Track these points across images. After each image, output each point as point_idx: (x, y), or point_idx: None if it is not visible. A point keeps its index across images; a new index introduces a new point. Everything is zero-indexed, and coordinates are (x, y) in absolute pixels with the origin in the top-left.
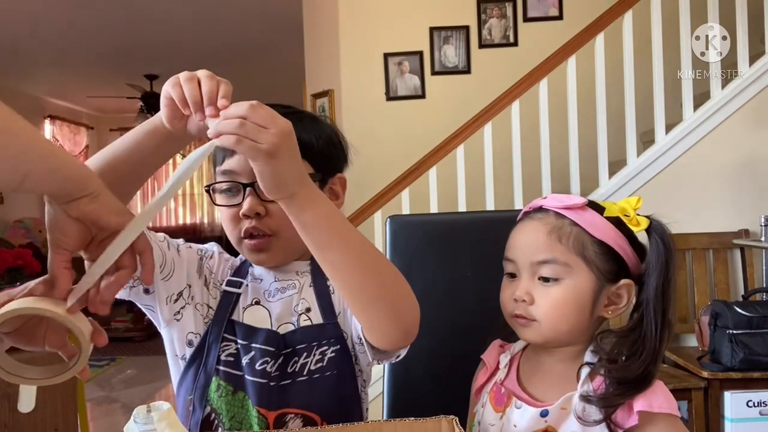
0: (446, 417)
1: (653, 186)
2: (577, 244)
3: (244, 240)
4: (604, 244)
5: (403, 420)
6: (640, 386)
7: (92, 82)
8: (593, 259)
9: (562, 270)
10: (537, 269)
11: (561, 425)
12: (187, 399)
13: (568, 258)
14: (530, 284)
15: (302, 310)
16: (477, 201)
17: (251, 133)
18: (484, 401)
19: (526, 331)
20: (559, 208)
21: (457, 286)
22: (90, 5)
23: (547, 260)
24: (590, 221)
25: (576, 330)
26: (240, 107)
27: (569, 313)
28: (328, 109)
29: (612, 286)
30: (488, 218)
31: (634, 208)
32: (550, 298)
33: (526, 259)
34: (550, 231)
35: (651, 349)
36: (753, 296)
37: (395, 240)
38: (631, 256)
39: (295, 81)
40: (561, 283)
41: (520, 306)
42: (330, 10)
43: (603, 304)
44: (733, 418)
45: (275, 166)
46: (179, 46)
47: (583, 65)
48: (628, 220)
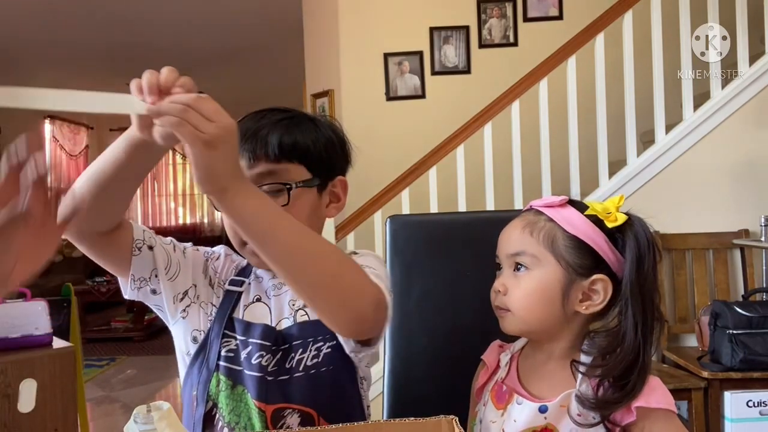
0: (446, 417)
1: (653, 186)
2: (547, 238)
3: (246, 245)
4: (576, 239)
5: (403, 420)
6: (634, 390)
7: (92, 82)
8: (563, 253)
9: (530, 261)
10: (512, 261)
11: (560, 422)
12: (192, 394)
13: (537, 250)
14: (506, 276)
15: (300, 306)
16: (477, 201)
17: (193, 120)
18: (485, 400)
19: (504, 322)
20: (540, 206)
21: (457, 286)
22: (90, 5)
23: (518, 252)
24: (566, 217)
25: (547, 321)
26: (188, 96)
27: (537, 303)
28: (328, 109)
29: (584, 280)
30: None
31: (617, 206)
32: (519, 288)
33: (504, 253)
34: (524, 226)
35: (632, 347)
36: (753, 296)
37: (395, 240)
38: (609, 253)
39: (295, 81)
40: (529, 274)
41: (498, 297)
42: (330, 10)
43: (577, 299)
44: (733, 418)
45: (211, 158)
46: (179, 47)
47: (583, 65)
48: (606, 216)
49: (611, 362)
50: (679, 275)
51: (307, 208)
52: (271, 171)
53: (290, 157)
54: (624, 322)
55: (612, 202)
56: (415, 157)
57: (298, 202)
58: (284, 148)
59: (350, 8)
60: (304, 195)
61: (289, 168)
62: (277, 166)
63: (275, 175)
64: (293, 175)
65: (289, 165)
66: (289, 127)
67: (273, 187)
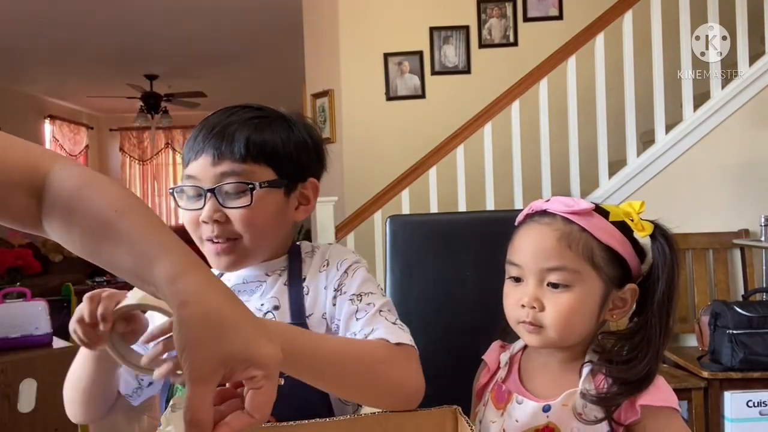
0: (449, 407)
1: (653, 186)
2: (586, 251)
3: (206, 242)
4: (610, 249)
5: (409, 411)
6: (641, 385)
7: (92, 82)
8: (601, 265)
9: (572, 277)
10: (546, 275)
11: (563, 421)
12: None
13: (578, 265)
14: (538, 290)
15: (269, 308)
16: (477, 201)
17: None
18: (485, 400)
19: (534, 338)
20: (567, 213)
21: (457, 286)
22: (90, 5)
23: (557, 267)
24: (598, 226)
25: (583, 335)
26: None
27: (578, 320)
28: (328, 109)
29: (619, 291)
30: (488, 218)
31: (638, 212)
32: (560, 306)
33: (535, 266)
34: (559, 237)
35: (655, 351)
36: (753, 296)
37: (395, 240)
38: (633, 261)
39: (295, 81)
40: (571, 290)
41: (527, 312)
42: (330, 10)
43: (608, 309)
44: (733, 418)
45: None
46: (179, 47)
47: (583, 65)
48: (633, 224)
49: (636, 367)
50: (679, 275)
51: (272, 209)
52: (235, 171)
53: (256, 158)
54: (650, 329)
55: (632, 207)
56: (415, 157)
57: (262, 203)
58: (251, 149)
59: (350, 8)
60: (269, 196)
61: (255, 169)
62: (242, 167)
63: (239, 175)
64: (258, 176)
65: (254, 166)
66: (259, 127)
67: (236, 187)
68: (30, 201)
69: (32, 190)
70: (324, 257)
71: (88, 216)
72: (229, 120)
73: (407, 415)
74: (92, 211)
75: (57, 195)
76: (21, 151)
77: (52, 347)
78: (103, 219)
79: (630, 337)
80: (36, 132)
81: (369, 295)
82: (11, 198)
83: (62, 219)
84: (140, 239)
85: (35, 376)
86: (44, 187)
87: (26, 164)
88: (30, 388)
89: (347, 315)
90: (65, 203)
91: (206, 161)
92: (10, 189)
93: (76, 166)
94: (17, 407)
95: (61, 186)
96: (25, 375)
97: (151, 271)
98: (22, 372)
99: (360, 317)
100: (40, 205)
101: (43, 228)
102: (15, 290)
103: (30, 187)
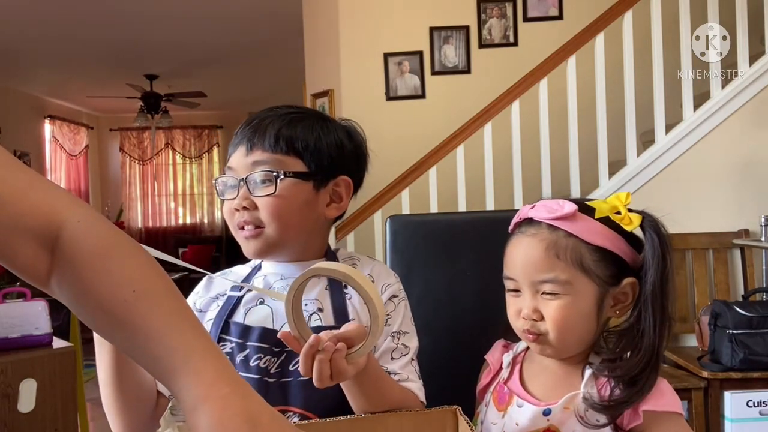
0: (449, 407)
1: (653, 186)
2: (575, 256)
3: (237, 229)
4: (601, 249)
5: (409, 411)
6: (644, 390)
7: (92, 82)
8: (592, 268)
9: (563, 287)
10: (539, 287)
11: (564, 425)
12: None
13: (568, 274)
14: (535, 301)
15: (314, 310)
16: (477, 201)
17: None
18: (487, 401)
19: (538, 347)
20: (551, 220)
21: (457, 286)
22: (90, 5)
23: (547, 280)
24: (585, 228)
25: (585, 337)
26: None
27: (576, 325)
28: (328, 109)
29: (615, 288)
30: (488, 218)
31: (625, 204)
32: (555, 314)
33: (527, 278)
34: (546, 247)
35: (650, 345)
36: (753, 296)
37: (395, 240)
38: (628, 253)
39: (295, 81)
40: (564, 299)
41: (528, 322)
42: (330, 10)
43: (609, 306)
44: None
45: None
46: (179, 47)
47: (583, 65)
48: (620, 218)
49: (631, 361)
50: (679, 275)
51: (298, 201)
52: (264, 160)
53: (286, 150)
54: (643, 322)
55: (618, 200)
56: (415, 157)
57: (288, 193)
58: (280, 140)
59: (350, 8)
60: (296, 187)
61: (284, 159)
62: (272, 156)
63: (268, 164)
64: (286, 166)
65: (283, 157)
66: (293, 121)
67: (263, 175)
68: (39, 252)
69: (43, 239)
70: (368, 272)
71: (104, 293)
72: (266, 115)
73: (407, 415)
74: (109, 288)
75: (71, 258)
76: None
77: (52, 347)
78: (119, 299)
79: (626, 332)
80: (36, 132)
81: (405, 335)
82: (18, 245)
83: (74, 287)
84: (157, 336)
85: (35, 376)
86: (57, 240)
87: (41, 209)
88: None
89: (385, 350)
90: (78, 271)
91: (241, 152)
92: (19, 234)
93: (96, 221)
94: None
95: (76, 248)
96: (25, 375)
97: (168, 383)
98: (22, 372)
99: (396, 357)
100: (51, 261)
101: (50, 287)
102: (15, 290)
103: (41, 236)
